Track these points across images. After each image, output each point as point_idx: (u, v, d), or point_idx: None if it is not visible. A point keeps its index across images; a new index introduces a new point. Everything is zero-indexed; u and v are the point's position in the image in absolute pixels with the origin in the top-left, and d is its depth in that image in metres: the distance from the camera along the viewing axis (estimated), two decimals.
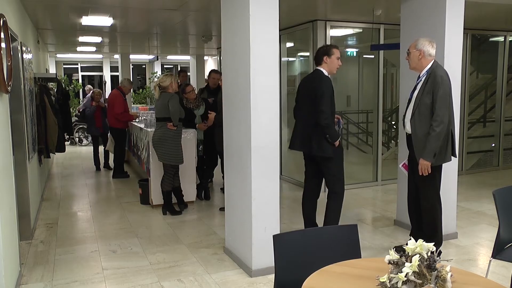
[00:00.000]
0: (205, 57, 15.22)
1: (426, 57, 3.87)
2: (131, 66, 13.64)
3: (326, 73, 4.19)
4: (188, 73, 11.40)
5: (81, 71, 17.32)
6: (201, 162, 6.31)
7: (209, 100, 6.39)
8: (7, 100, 3.67)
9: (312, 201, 4.46)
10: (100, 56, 16.04)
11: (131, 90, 9.02)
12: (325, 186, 4.41)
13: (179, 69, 18.55)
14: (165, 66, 18.43)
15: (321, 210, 4.41)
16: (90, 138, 12.54)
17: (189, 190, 6.03)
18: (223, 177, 4.44)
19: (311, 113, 4.12)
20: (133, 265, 4.05)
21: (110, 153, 8.41)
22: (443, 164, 3.95)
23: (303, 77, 4.59)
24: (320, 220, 4.48)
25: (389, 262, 1.71)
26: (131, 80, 8.93)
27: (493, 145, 8.44)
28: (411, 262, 1.63)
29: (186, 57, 16.11)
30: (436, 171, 3.90)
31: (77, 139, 12.38)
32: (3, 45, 3.46)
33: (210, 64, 16.57)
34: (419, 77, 3.94)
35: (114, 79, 16.86)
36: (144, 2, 5.79)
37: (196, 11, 6.44)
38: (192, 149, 6.03)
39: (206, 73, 12.29)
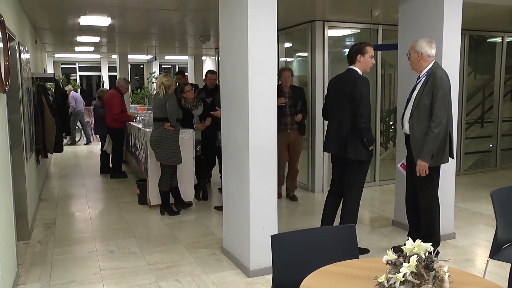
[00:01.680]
0: (203, 57, 15.21)
1: (425, 58, 3.87)
2: (129, 66, 13.63)
3: (360, 72, 4.05)
4: (186, 73, 11.39)
5: (79, 71, 17.31)
6: (199, 162, 6.31)
7: (207, 100, 6.39)
8: (4, 100, 3.66)
9: (337, 204, 4.33)
10: (98, 56, 16.02)
11: (129, 89, 8.87)
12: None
13: (177, 69, 18.55)
14: (163, 66, 18.42)
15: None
16: (69, 138, 12.37)
17: (187, 191, 6.03)
18: (221, 177, 4.43)
19: (347, 115, 3.99)
20: (131, 265, 4.04)
21: (108, 155, 8.30)
22: (441, 165, 3.96)
23: (334, 76, 4.38)
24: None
25: (387, 262, 1.71)
26: (127, 79, 8.87)
27: (491, 145, 8.46)
28: (409, 262, 1.63)
29: (184, 57, 16.10)
30: (434, 172, 3.90)
31: None
32: (0, 45, 3.45)
33: (208, 64, 16.56)
34: (419, 77, 3.94)
35: (112, 79, 16.83)
36: (142, 2, 5.78)
37: (194, 11, 6.44)
38: (190, 149, 6.02)
39: (204, 73, 12.28)
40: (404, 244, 1.70)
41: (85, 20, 6.98)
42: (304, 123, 6.17)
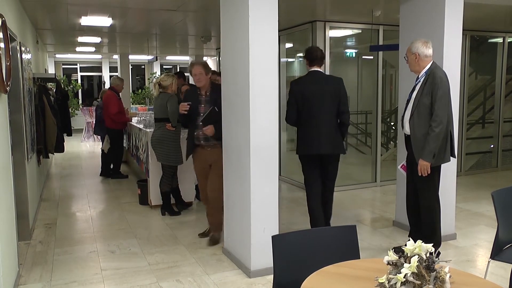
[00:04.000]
0: (204, 58, 15.21)
1: (422, 59, 3.88)
2: (130, 67, 13.63)
3: None
4: (186, 74, 11.34)
5: (80, 72, 17.32)
6: None
7: None
8: (5, 100, 3.67)
9: (319, 202, 4.46)
10: (99, 56, 16.04)
11: (124, 87, 8.44)
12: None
13: (178, 69, 18.56)
14: (164, 67, 18.42)
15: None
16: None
17: (188, 191, 6.03)
18: None
19: (333, 114, 4.24)
20: (131, 266, 4.04)
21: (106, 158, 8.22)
22: (442, 165, 3.96)
23: (297, 79, 4.46)
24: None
25: (388, 263, 1.71)
26: (121, 77, 8.80)
27: (492, 146, 8.45)
28: (410, 263, 1.63)
29: (185, 58, 16.10)
30: (435, 172, 3.90)
31: None
32: (2, 45, 3.46)
33: (209, 64, 16.56)
34: (418, 78, 3.95)
35: None
36: (143, 2, 5.79)
37: (195, 12, 6.44)
38: None
39: None
40: (405, 245, 1.70)
41: (86, 20, 6.99)
42: None
